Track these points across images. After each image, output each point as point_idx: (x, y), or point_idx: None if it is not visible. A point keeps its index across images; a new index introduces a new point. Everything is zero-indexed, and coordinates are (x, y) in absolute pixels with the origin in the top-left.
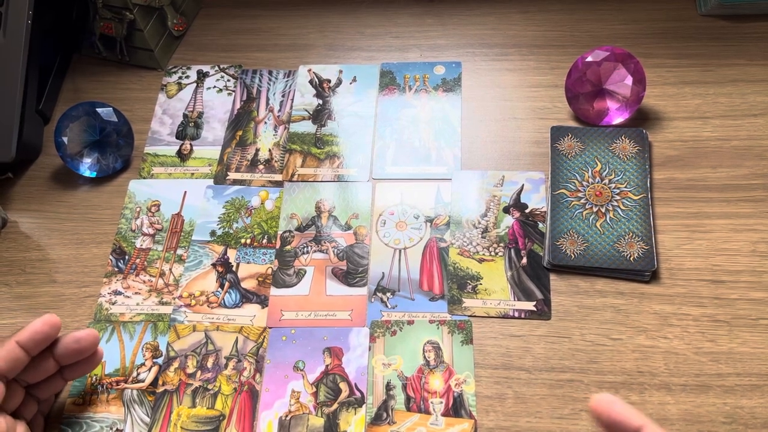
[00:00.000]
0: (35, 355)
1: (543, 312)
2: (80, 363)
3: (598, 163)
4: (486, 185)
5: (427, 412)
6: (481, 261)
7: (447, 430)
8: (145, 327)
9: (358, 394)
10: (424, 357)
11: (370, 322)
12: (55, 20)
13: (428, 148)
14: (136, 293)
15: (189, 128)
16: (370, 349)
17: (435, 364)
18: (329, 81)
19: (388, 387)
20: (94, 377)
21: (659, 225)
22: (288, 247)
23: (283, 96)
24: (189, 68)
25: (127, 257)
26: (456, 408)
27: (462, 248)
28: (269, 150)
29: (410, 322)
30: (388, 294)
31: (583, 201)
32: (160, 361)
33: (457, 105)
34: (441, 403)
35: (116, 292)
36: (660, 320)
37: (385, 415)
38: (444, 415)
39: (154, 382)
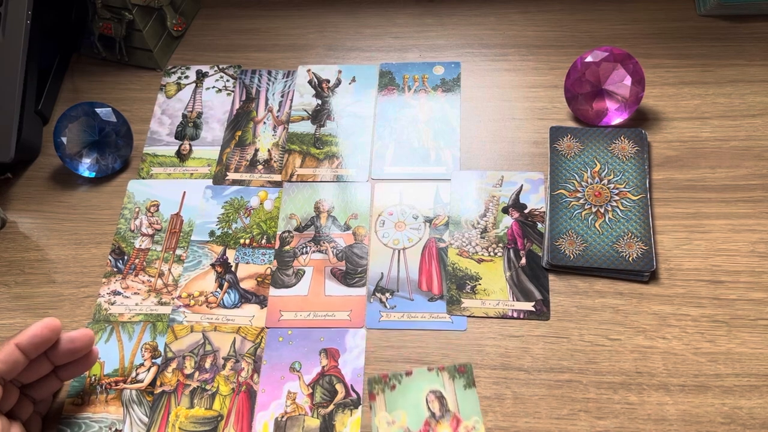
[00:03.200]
0: None
1: (542, 312)
2: (75, 363)
3: (597, 163)
4: (485, 185)
5: None
6: (480, 261)
7: None
8: (144, 327)
9: (354, 395)
10: (429, 408)
11: (367, 379)
12: (54, 20)
13: (427, 148)
14: (135, 293)
15: (188, 128)
16: (371, 408)
17: (441, 414)
18: (328, 81)
19: None
20: (93, 377)
21: (658, 225)
22: (287, 248)
23: (282, 96)
24: (188, 68)
25: (126, 257)
26: None
27: (461, 248)
28: (268, 150)
29: (408, 373)
30: (387, 294)
31: (582, 201)
32: (159, 361)
33: (456, 105)
34: None
35: (115, 293)
36: (659, 321)
37: None
38: None
39: (153, 383)
